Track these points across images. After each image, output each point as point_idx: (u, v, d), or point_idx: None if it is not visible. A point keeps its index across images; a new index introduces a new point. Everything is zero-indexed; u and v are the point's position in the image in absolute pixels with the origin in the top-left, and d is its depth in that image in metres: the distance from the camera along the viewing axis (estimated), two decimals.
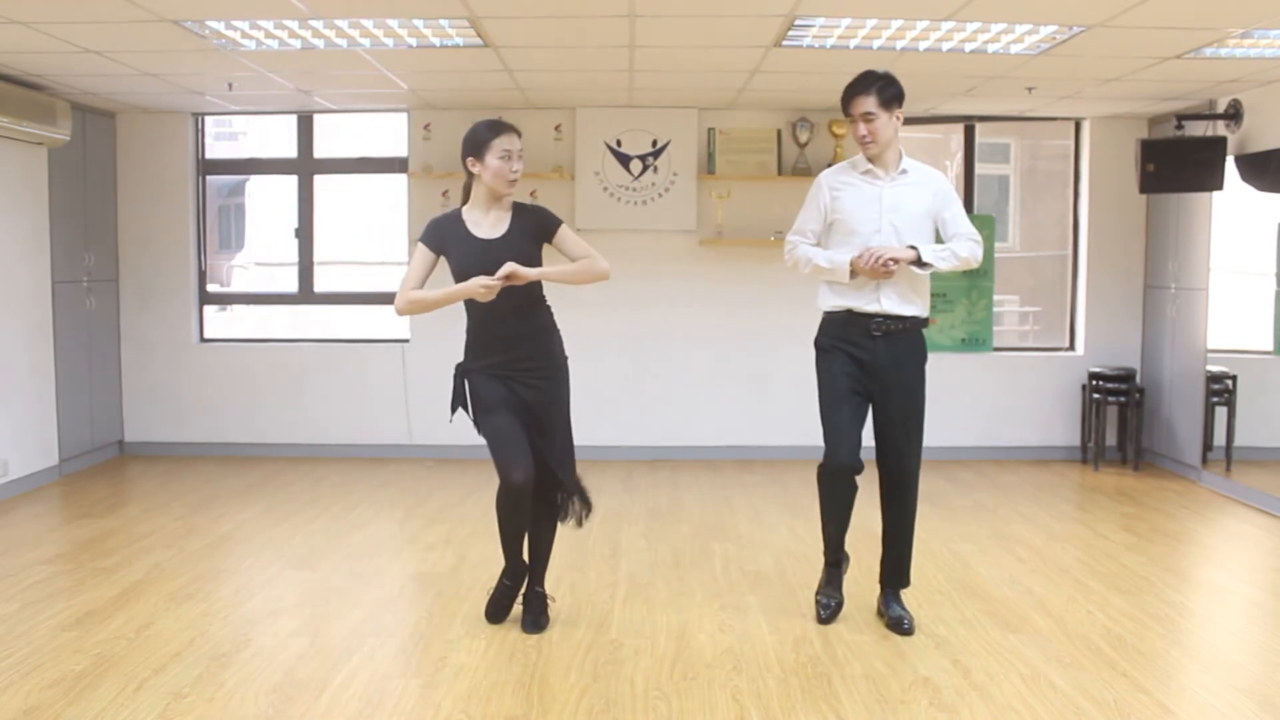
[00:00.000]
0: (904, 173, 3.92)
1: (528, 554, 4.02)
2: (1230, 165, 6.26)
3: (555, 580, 4.48)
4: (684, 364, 7.30)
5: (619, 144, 7.12)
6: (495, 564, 4.72)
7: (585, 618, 4.11)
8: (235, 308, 9.98)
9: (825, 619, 4.04)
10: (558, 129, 7.15)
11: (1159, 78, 5.76)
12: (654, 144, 7.12)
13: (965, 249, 3.87)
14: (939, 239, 3.95)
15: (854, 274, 3.85)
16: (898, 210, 3.88)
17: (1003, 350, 7.56)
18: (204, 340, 7.53)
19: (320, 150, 7.55)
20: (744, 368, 7.30)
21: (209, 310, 7.69)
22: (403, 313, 3.88)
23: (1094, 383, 7.17)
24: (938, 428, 7.33)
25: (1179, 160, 6.37)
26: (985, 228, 7.33)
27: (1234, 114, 6.27)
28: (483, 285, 3.63)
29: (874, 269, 3.77)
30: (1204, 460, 6.58)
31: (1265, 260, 6.18)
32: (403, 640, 3.88)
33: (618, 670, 3.59)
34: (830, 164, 6.44)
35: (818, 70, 5.72)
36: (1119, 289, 7.38)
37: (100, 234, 7.11)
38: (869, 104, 3.80)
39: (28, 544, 5.11)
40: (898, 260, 3.78)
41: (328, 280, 7.87)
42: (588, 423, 7.43)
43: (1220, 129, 6.36)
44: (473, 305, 3.78)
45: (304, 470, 6.90)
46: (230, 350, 7.48)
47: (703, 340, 7.30)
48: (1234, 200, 6.34)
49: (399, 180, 7.32)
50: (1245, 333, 6.56)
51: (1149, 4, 4.30)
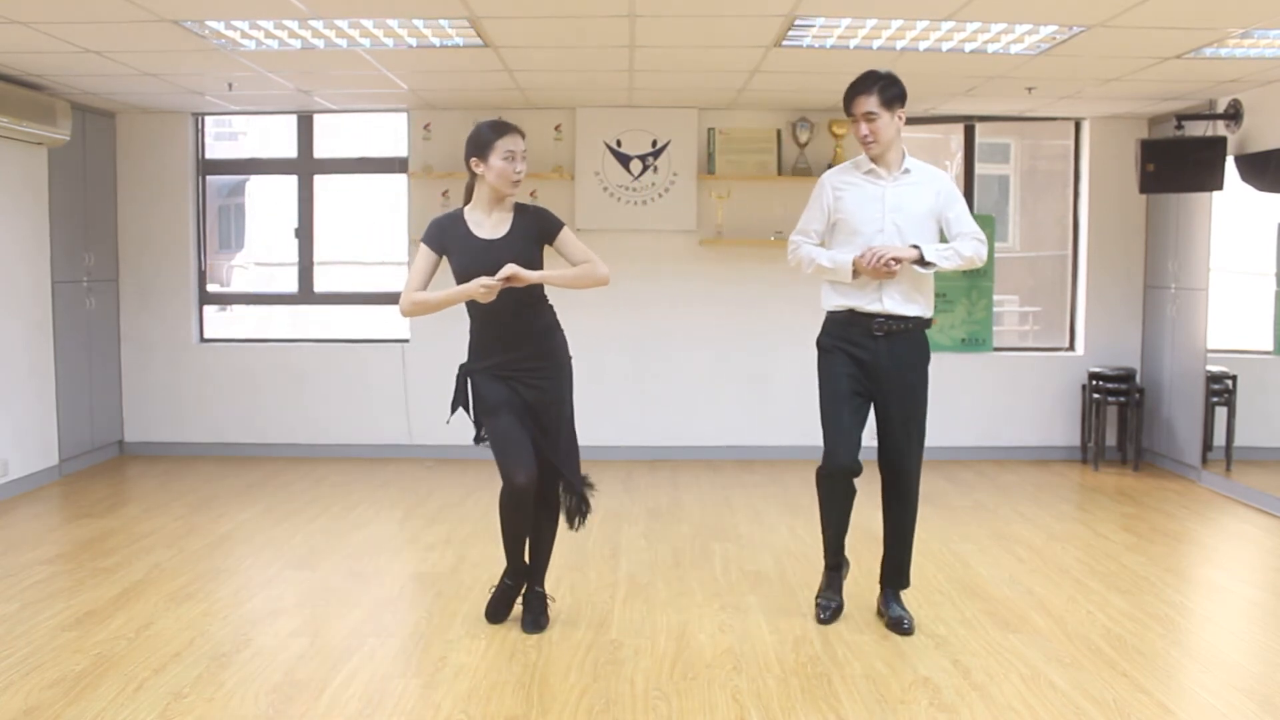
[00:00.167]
0: (907, 172, 3.91)
1: (528, 554, 4.03)
2: (1230, 165, 6.26)
3: (555, 580, 4.48)
4: (684, 364, 7.31)
5: (619, 144, 7.12)
6: (495, 564, 4.73)
7: (585, 618, 4.11)
8: (235, 308, 9.97)
9: (825, 620, 4.04)
10: (558, 129, 7.15)
11: (1159, 78, 5.76)
12: (654, 144, 7.12)
13: (969, 248, 3.87)
14: (943, 239, 3.95)
15: (856, 274, 3.85)
16: (900, 210, 3.87)
17: (1003, 350, 7.56)
18: (204, 340, 7.53)
19: (320, 150, 7.55)
20: (744, 368, 7.30)
21: (209, 310, 7.69)
22: (407, 314, 3.90)
23: (1094, 383, 7.17)
24: (938, 428, 7.30)
25: (1179, 160, 6.37)
26: (985, 228, 7.25)
27: (1234, 114, 6.27)
28: (483, 285, 3.63)
29: (876, 269, 3.77)
30: (1204, 460, 6.58)
31: (1265, 260, 6.18)
32: (403, 640, 3.88)
33: (618, 670, 3.59)
34: (830, 164, 6.49)
35: (818, 70, 5.72)
36: (1119, 289, 7.38)
37: (100, 234, 7.11)
38: (870, 104, 3.80)
39: (28, 544, 5.11)
40: (900, 260, 3.78)
41: (328, 280, 7.87)
42: (588, 423, 7.44)
43: (1220, 129, 6.35)
44: (474, 305, 3.78)
45: (304, 470, 6.90)
46: (230, 350, 7.48)
47: (703, 340, 7.30)
48: (1234, 200, 6.34)
49: (399, 180, 7.32)
50: (1245, 333, 6.56)
51: (1149, 4, 4.30)
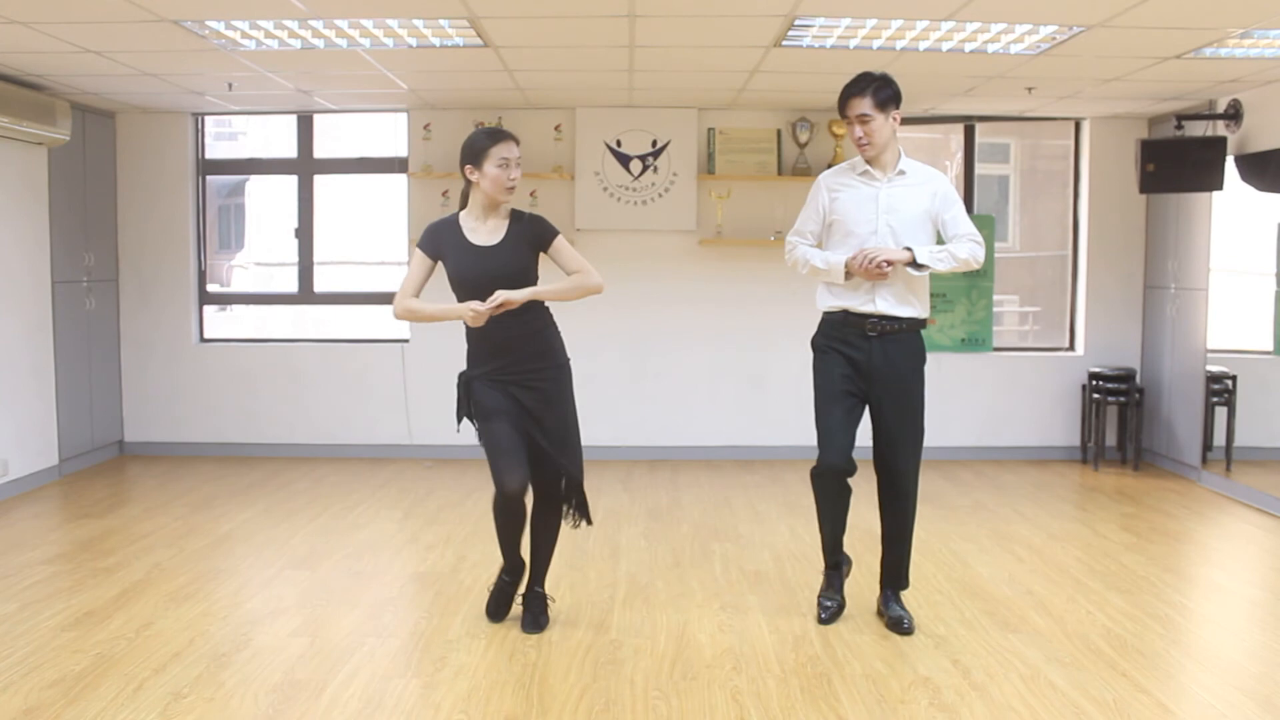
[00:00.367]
0: (902, 173, 3.90)
1: (529, 554, 4.04)
2: (1230, 165, 6.26)
3: (555, 580, 4.48)
4: (684, 364, 7.31)
5: (619, 144, 7.12)
6: (495, 564, 4.72)
7: (585, 618, 4.11)
8: (235, 308, 9.96)
9: (825, 620, 4.03)
10: (558, 129, 7.15)
11: (1159, 78, 5.76)
12: (654, 144, 7.12)
13: (965, 250, 3.85)
14: (940, 241, 3.94)
15: (849, 275, 3.85)
16: (894, 212, 3.86)
17: (1003, 350, 7.56)
18: (204, 340, 7.53)
19: (320, 150, 7.56)
20: (744, 367, 7.30)
21: (209, 310, 7.69)
22: (400, 318, 3.94)
23: (1094, 383, 7.17)
24: (938, 428, 7.33)
25: (1179, 160, 6.37)
26: (985, 228, 7.33)
27: (1234, 114, 6.27)
28: (472, 311, 3.65)
29: (867, 269, 3.77)
30: (1204, 460, 6.58)
31: (1265, 260, 6.18)
32: (403, 640, 3.88)
33: (618, 670, 3.59)
34: (830, 164, 6.49)
35: (818, 70, 5.72)
36: (1119, 289, 7.38)
37: (100, 234, 7.11)
38: (864, 105, 3.80)
39: (28, 544, 5.12)
40: (892, 262, 3.77)
41: (328, 280, 7.87)
42: (588, 423, 7.40)
43: (1220, 129, 6.36)
44: None
45: (304, 470, 6.90)
46: (230, 350, 7.48)
47: (703, 340, 7.30)
48: (1234, 200, 6.34)
49: (399, 180, 7.32)
50: (1245, 333, 6.56)
51: (1149, 4, 4.30)
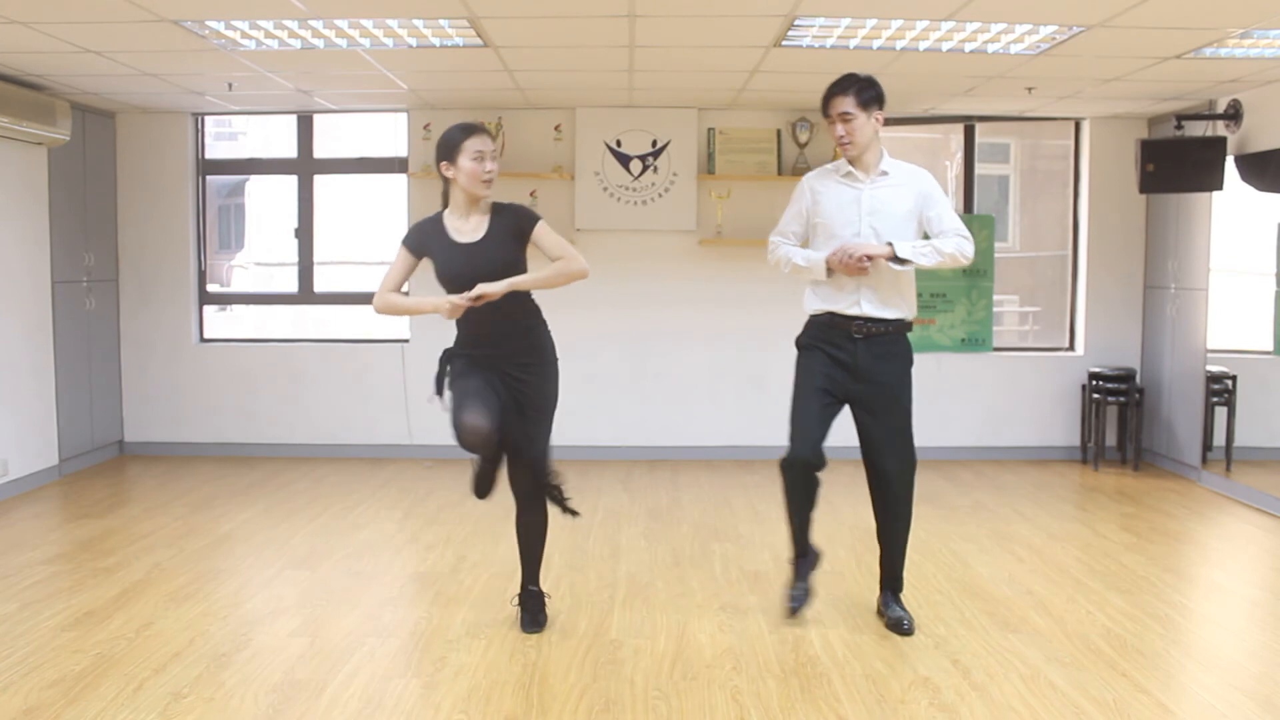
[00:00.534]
0: (885, 174, 3.88)
1: (519, 555, 4.00)
2: (1230, 165, 6.26)
3: (555, 580, 4.48)
4: (684, 364, 7.30)
5: (619, 144, 7.12)
6: (495, 563, 4.74)
7: (585, 618, 4.11)
8: (235, 308, 9.97)
9: (795, 610, 3.98)
10: (558, 129, 7.15)
11: (1159, 78, 5.76)
12: (654, 144, 7.12)
13: (950, 245, 3.82)
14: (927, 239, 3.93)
15: (829, 272, 3.83)
16: (877, 212, 3.85)
17: (1003, 350, 7.56)
18: (204, 340, 7.53)
19: (320, 150, 7.55)
20: (744, 367, 7.29)
21: (209, 310, 7.69)
22: (379, 312, 3.92)
23: (1094, 383, 7.17)
24: (938, 428, 7.38)
25: (1179, 160, 6.36)
26: (985, 228, 7.33)
27: (1234, 114, 6.27)
28: (449, 304, 3.63)
29: (848, 265, 3.76)
30: (1204, 460, 6.58)
31: (1265, 260, 6.17)
32: (403, 640, 3.88)
33: (618, 670, 3.59)
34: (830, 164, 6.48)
35: (818, 70, 5.70)
36: (1119, 289, 7.38)
37: (100, 234, 7.11)
38: (847, 104, 3.79)
39: (28, 544, 5.11)
40: (872, 257, 3.76)
41: (327, 280, 7.87)
42: (588, 423, 7.52)
43: (1220, 129, 6.35)
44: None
45: (304, 470, 6.90)
46: (230, 350, 7.48)
47: (703, 340, 7.30)
48: (1234, 200, 6.34)
49: (399, 180, 7.32)
50: (1245, 333, 6.56)
51: (1149, 4, 4.30)
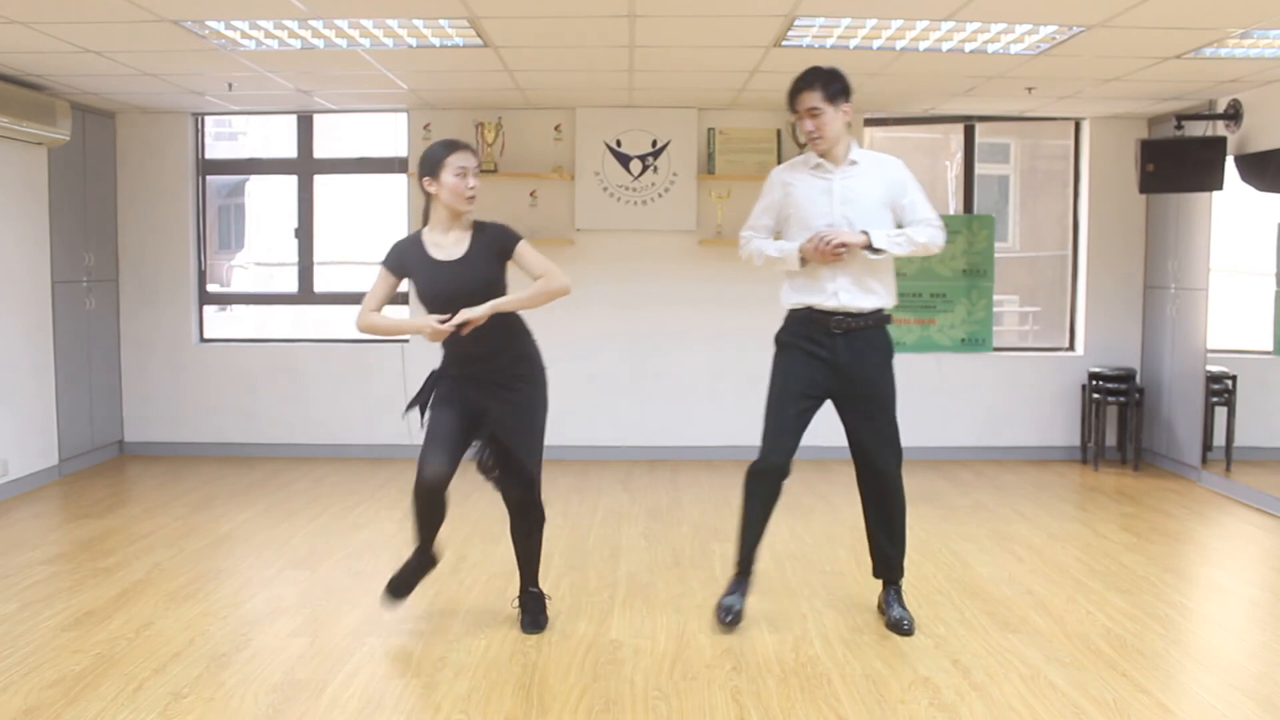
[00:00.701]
0: (854, 164, 3.88)
1: (516, 560, 4.00)
2: (1230, 165, 6.26)
3: (555, 580, 4.48)
4: (684, 364, 7.30)
5: (619, 144, 7.12)
6: (495, 563, 4.74)
7: (585, 618, 4.11)
8: (235, 308, 9.97)
9: (730, 623, 3.92)
10: (558, 129, 7.15)
11: (1159, 78, 5.76)
12: (654, 144, 7.12)
13: (924, 234, 3.83)
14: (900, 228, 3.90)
15: (803, 261, 3.83)
16: (850, 202, 3.84)
17: (1003, 350, 7.56)
18: (204, 340, 7.53)
19: (320, 150, 7.56)
20: (744, 367, 7.27)
21: (209, 310, 7.69)
22: (362, 331, 3.90)
23: (1094, 383, 7.17)
24: (938, 428, 7.39)
25: (1179, 160, 6.37)
26: (985, 228, 7.34)
27: (1234, 114, 6.27)
28: (431, 328, 3.63)
29: (823, 251, 3.75)
30: (1204, 460, 6.58)
31: (1265, 260, 6.18)
32: (403, 640, 3.88)
33: (618, 670, 3.59)
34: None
35: None
36: (1119, 289, 7.38)
37: (100, 234, 7.11)
38: (815, 99, 3.79)
39: (28, 544, 5.12)
40: (847, 245, 3.75)
41: (327, 280, 7.87)
42: (588, 423, 7.52)
43: (1220, 129, 6.35)
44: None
45: (304, 470, 6.90)
46: (230, 350, 7.48)
47: (703, 340, 7.30)
48: (1234, 200, 6.34)
49: (399, 180, 7.32)
50: (1245, 333, 6.56)
51: (1149, 4, 4.30)
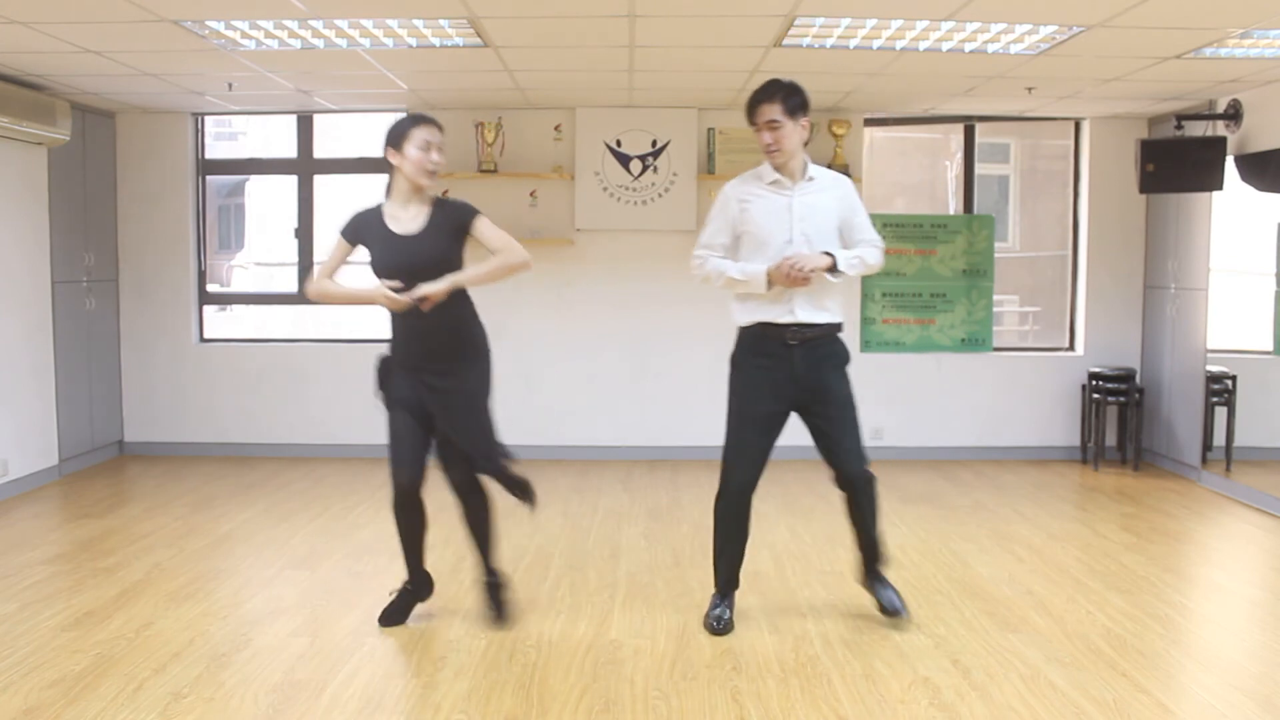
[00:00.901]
0: (811, 180, 3.88)
1: (470, 545, 4.03)
2: (1230, 165, 6.26)
3: (555, 580, 4.48)
4: (684, 364, 7.30)
5: (619, 144, 7.12)
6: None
7: (585, 618, 4.11)
8: (235, 308, 9.98)
9: (720, 630, 3.95)
10: (558, 129, 7.15)
11: (1159, 78, 5.76)
12: (654, 144, 7.12)
13: (873, 256, 3.93)
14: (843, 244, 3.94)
15: (770, 285, 3.80)
16: (807, 219, 3.83)
17: (1003, 350, 7.56)
18: (204, 340, 7.53)
19: (320, 150, 7.56)
20: None
21: (209, 310, 7.69)
22: (313, 299, 3.94)
23: (1094, 383, 7.17)
24: (938, 428, 7.39)
25: (1179, 160, 6.37)
26: (985, 228, 7.34)
27: (1234, 114, 6.27)
28: (385, 296, 3.64)
29: (792, 277, 3.73)
30: (1204, 460, 6.58)
31: (1265, 260, 6.18)
32: (403, 640, 3.88)
33: (618, 670, 3.59)
34: (830, 165, 6.47)
35: (818, 70, 5.71)
36: (1119, 289, 7.38)
37: (100, 234, 7.11)
38: (774, 112, 3.77)
39: (28, 544, 5.12)
40: (816, 269, 3.75)
41: None
42: (588, 423, 7.53)
43: (1220, 129, 6.35)
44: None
45: (304, 470, 6.90)
46: (230, 350, 7.48)
47: (703, 340, 7.28)
48: (1234, 200, 6.34)
49: None
50: (1245, 333, 6.56)
51: (1149, 4, 4.30)
